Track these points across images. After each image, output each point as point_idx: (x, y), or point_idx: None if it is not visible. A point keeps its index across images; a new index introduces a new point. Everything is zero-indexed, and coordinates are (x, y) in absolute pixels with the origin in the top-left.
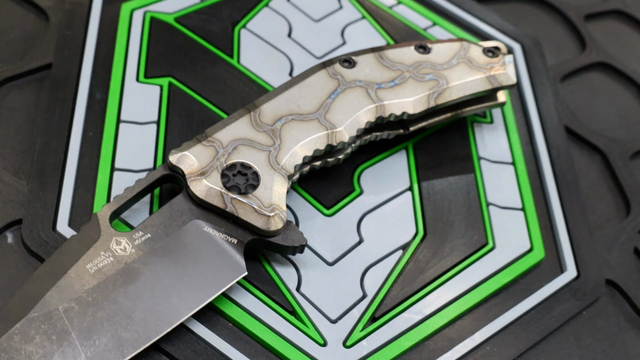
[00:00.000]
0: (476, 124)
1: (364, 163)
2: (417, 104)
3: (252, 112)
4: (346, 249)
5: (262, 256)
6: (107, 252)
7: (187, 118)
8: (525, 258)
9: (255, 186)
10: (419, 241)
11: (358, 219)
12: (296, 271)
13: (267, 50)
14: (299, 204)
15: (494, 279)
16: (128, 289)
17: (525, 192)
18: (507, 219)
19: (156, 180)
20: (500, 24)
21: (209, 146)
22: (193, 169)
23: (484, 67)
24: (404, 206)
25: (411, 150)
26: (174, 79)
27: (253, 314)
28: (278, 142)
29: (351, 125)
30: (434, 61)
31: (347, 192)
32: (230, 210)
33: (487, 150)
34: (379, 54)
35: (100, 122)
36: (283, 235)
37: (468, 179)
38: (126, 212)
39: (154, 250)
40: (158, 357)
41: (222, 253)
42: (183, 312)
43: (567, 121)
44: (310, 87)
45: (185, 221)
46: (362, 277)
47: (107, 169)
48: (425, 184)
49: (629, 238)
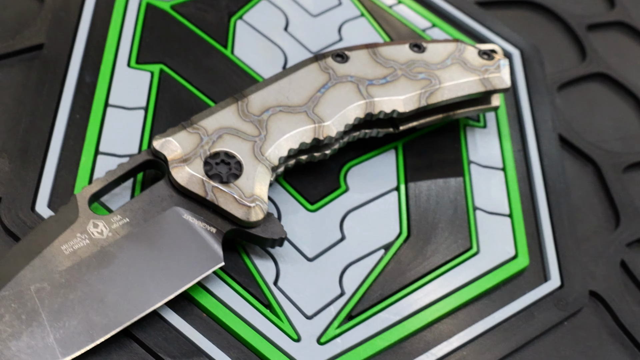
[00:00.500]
0: (469, 128)
1: (352, 160)
2: (408, 103)
3: (240, 102)
4: (327, 246)
5: (241, 248)
6: (84, 234)
7: (176, 106)
8: (509, 265)
9: (238, 176)
10: (402, 242)
11: (342, 216)
12: (275, 265)
13: (262, 42)
14: (282, 198)
15: (476, 283)
16: (102, 272)
17: (514, 198)
18: (493, 225)
19: (138, 165)
20: (501, 29)
21: (194, 133)
22: (176, 155)
23: (478, 69)
24: (389, 206)
25: (401, 150)
26: (165, 66)
27: (228, 306)
28: (264, 133)
29: (339, 120)
30: (427, 60)
31: (333, 189)
32: (211, 198)
33: (478, 155)
34: (373, 51)
35: (88, 105)
36: (263, 227)
37: (456, 183)
38: (107, 196)
39: (131, 234)
40: (128, 344)
41: (200, 242)
42: (156, 299)
43: (562, 130)
44: (300, 80)
45: (164, 207)
46: (341, 274)
47: (91, 152)
48: (413, 184)
49: (617, 251)
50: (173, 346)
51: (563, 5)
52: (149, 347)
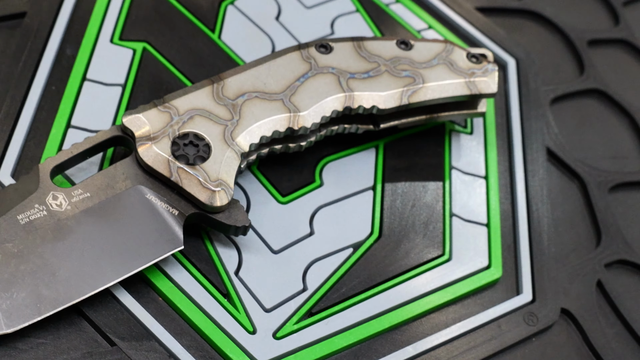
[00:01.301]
0: (454, 133)
1: (330, 156)
2: (389, 100)
3: (216, 84)
4: (294, 239)
5: (205, 234)
6: (42, 206)
7: (155, 86)
8: (481, 275)
9: (205, 158)
10: (372, 242)
11: (313, 210)
12: (238, 254)
13: (251, 30)
14: (254, 187)
15: (445, 290)
16: (57, 245)
17: (493, 208)
18: (469, 233)
19: (106, 140)
20: (499, 37)
21: (165, 112)
22: (144, 132)
23: (465, 72)
24: (363, 204)
25: (381, 149)
26: (149, 45)
27: (185, 291)
28: (237, 118)
29: (316, 111)
30: (413, 58)
31: (307, 182)
32: (175, 179)
33: (461, 161)
34: (358, 44)
35: (65, 78)
36: (227, 213)
37: (436, 187)
38: (73, 170)
39: (91, 210)
40: (78, 321)
41: (161, 223)
42: (110, 277)
43: (551, 144)
44: (280, 67)
45: (128, 185)
46: (305, 269)
47: (62, 124)
48: (390, 185)
49: (594, 270)
50: (123, 327)
51: (566, 18)
52: (98, 326)
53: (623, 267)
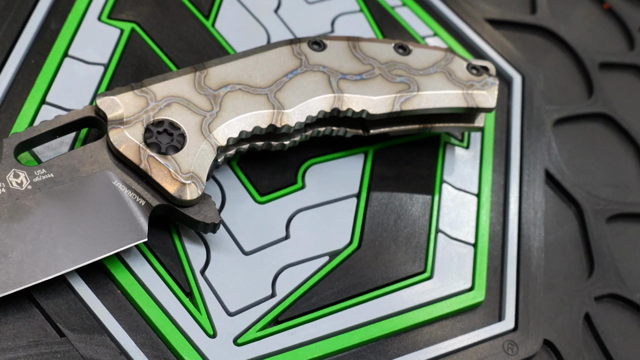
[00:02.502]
0: (449, 146)
1: (315, 158)
2: (380, 105)
3: (198, 72)
4: (268, 242)
5: (174, 228)
6: (1, 183)
7: (139, 69)
8: (463, 296)
9: (178, 149)
10: (350, 252)
11: (291, 213)
12: (206, 252)
13: (248, 20)
14: (231, 183)
15: (422, 309)
16: (12, 226)
17: (483, 228)
18: (454, 251)
19: (77, 120)
20: (506, 51)
21: (141, 96)
22: (116, 115)
23: (463, 83)
24: (345, 212)
25: (370, 156)
26: (137, 26)
27: (145, 286)
28: (217, 110)
29: (302, 110)
30: (410, 64)
31: (288, 184)
32: (145, 167)
33: (453, 175)
34: (353, 44)
35: (46, 52)
36: (197, 208)
37: (424, 200)
38: (42, 149)
39: (52, 192)
40: (28, 307)
41: (126, 212)
42: (66, 264)
43: (550, 166)
44: (268, 61)
45: (95, 169)
46: (276, 275)
47: (36, 100)
48: (376, 194)
49: (582, 303)
50: (75, 318)
51: (579, 37)
52: (49, 315)
53: (614, 301)
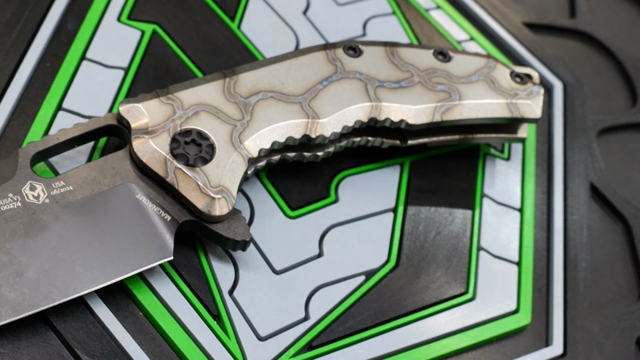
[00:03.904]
0: (489, 157)
1: (349, 169)
2: (420, 114)
3: (228, 79)
4: (300, 260)
5: (200, 245)
6: (17, 196)
7: (162, 73)
8: (507, 319)
9: (207, 160)
10: (387, 271)
11: (324, 229)
12: (234, 271)
13: (275, 22)
14: (259, 197)
15: (465, 334)
16: (28, 242)
17: (527, 246)
18: (497, 271)
19: (99, 128)
20: (546, 56)
21: (167, 104)
22: (141, 124)
23: (507, 92)
24: (381, 228)
25: (407, 168)
26: (159, 28)
27: (169, 308)
28: (247, 118)
29: (337, 120)
30: (451, 72)
31: (320, 197)
32: (171, 180)
33: (495, 189)
34: (391, 50)
35: (62, 55)
36: (226, 224)
37: (463, 215)
38: (58, 159)
39: (71, 205)
40: (44, 331)
41: (151, 228)
42: (85, 284)
43: (595, 179)
44: (301, 67)
45: (117, 182)
46: (309, 296)
47: (52, 105)
48: (413, 208)
49: (633, 326)
50: (94, 343)
51: (620, 43)
52: (66, 340)
53: None
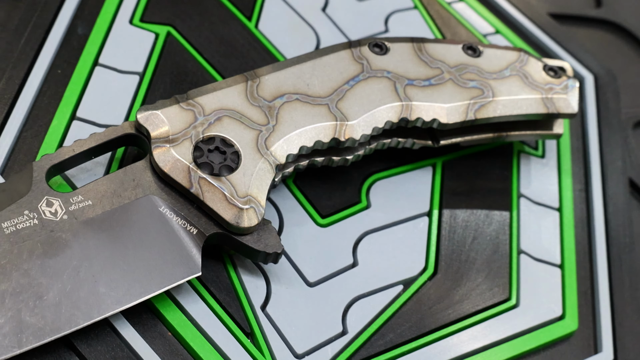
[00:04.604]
0: (523, 155)
1: (379, 172)
2: (452, 113)
3: (250, 81)
4: (334, 271)
5: (228, 258)
6: (33, 213)
7: (179, 77)
8: (554, 326)
9: (233, 169)
10: (426, 279)
11: (357, 237)
12: (266, 285)
13: (294, 20)
14: (288, 205)
15: (510, 343)
16: (47, 262)
17: (568, 247)
18: (540, 275)
19: (116, 138)
20: (574, 48)
21: (188, 110)
22: (161, 132)
23: (541, 87)
24: (416, 233)
25: (439, 169)
26: (174, 30)
27: (199, 327)
28: (273, 123)
29: (367, 121)
30: (482, 67)
31: (351, 203)
32: (196, 191)
33: (531, 188)
34: (419, 46)
35: (74, 60)
36: (256, 236)
37: (501, 217)
38: (74, 171)
39: (92, 221)
40: (68, 356)
41: (176, 242)
42: (110, 305)
43: (633, 174)
44: (326, 67)
45: (138, 194)
46: (346, 309)
47: (66, 115)
48: (448, 212)
49: None
50: None
51: None
52: None
53: None
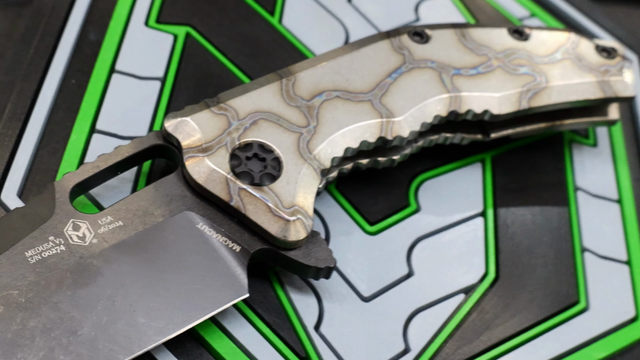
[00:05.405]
0: (575, 145)
1: (426, 172)
2: (505, 103)
3: (285, 80)
4: (389, 283)
5: (273, 275)
6: (59, 238)
7: (203, 80)
8: (627, 329)
9: (275, 177)
10: (487, 285)
11: (410, 244)
12: (317, 303)
13: (319, 13)
14: (332, 213)
15: (584, 351)
16: (78, 293)
17: (633, 240)
18: (607, 273)
19: (143, 150)
20: (615, 28)
21: (220, 115)
22: (193, 141)
23: (596, 69)
24: (472, 236)
25: (489, 165)
26: (193, 30)
27: (250, 354)
28: (314, 124)
29: (415, 117)
30: (531, 51)
31: (400, 207)
32: (236, 204)
33: (587, 180)
34: (461, 32)
35: (88, 69)
36: (305, 250)
37: (559, 213)
38: (99, 190)
39: (124, 244)
40: None
41: (218, 262)
42: (151, 337)
43: None
44: (365, 59)
45: (173, 211)
46: (406, 323)
47: (84, 128)
48: (503, 210)
49: None
50: None
51: None
52: None
53: None
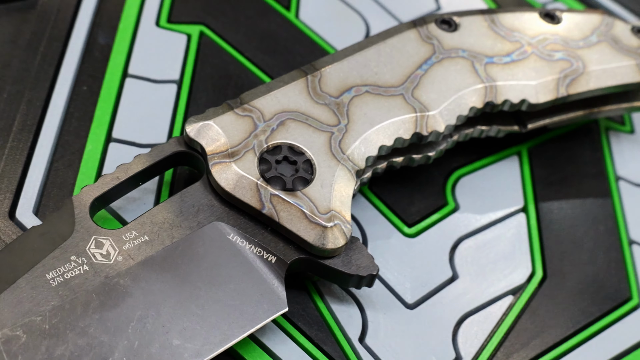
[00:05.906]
0: (612, 133)
1: (461, 168)
2: (542, 91)
3: (310, 76)
4: (433, 287)
5: (311, 286)
6: (81, 258)
7: (221, 81)
8: None
9: (308, 181)
10: (536, 285)
11: (452, 245)
12: (360, 313)
13: (337, 6)
14: (368, 216)
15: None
16: (106, 316)
17: None
18: None
19: (165, 158)
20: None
21: (245, 116)
22: (219, 146)
23: (634, 51)
24: (515, 233)
25: (525, 157)
26: (207, 28)
27: None
28: (345, 122)
29: (450, 110)
30: (565, 35)
31: (437, 206)
32: (269, 212)
33: (628, 169)
34: (491, 18)
35: (100, 75)
36: (344, 257)
37: (602, 205)
38: (120, 203)
39: (152, 260)
40: None
41: (254, 275)
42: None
43: None
44: (394, 50)
45: (201, 222)
46: (455, 330)
47: (100, 137)
48: (545, 205)
49: None
50: None
51: None
52: None
53: None
